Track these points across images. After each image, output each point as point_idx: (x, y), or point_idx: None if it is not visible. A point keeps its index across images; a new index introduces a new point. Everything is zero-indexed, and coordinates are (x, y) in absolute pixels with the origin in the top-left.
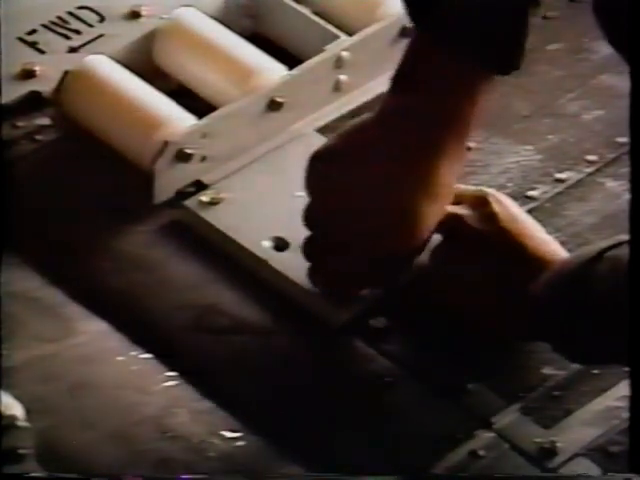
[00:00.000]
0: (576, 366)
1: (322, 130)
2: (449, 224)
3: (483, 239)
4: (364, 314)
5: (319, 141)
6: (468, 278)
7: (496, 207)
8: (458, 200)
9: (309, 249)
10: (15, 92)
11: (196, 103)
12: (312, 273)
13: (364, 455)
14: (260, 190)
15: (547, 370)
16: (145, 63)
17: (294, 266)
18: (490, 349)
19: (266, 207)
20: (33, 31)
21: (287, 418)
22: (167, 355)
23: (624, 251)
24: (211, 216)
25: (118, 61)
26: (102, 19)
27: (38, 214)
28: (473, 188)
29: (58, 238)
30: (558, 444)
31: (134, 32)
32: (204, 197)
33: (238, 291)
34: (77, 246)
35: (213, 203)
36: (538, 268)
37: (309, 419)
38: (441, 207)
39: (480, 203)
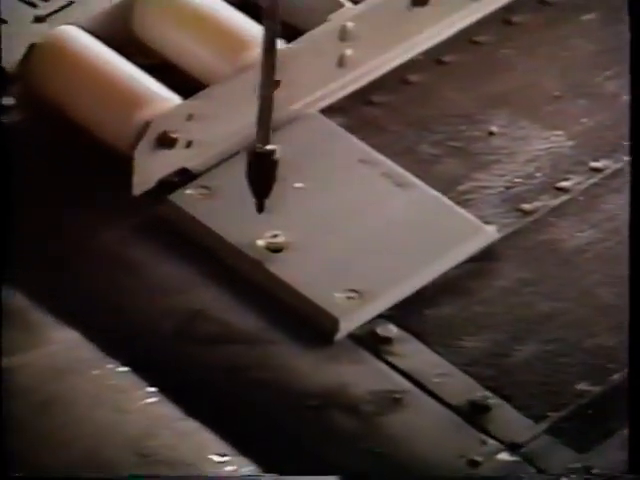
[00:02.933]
0: (614, 380)
1: (326, 111)
2: None
3: None
4: (370, 321)
5: (323, 124)
6: None
7: None
8: None
9: None
10: None
11: (181, 80)
12: None
13: None
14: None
15: (582, 385)
16: (122, 34)
17: (291, 268)
18: (515, 359)
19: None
20: None
21: (283, 439)
22: (148, 368)
23: None
24: (198, 210)
25: (91, 32)
26: None
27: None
28: None
29: (23, 234)
30: (594, 470)
31: None
32: (191, 189)
33: (228, 296)
34: (45, 243)
35: (201, 195)
36: None
37: (308, 441)
38: None
39: None
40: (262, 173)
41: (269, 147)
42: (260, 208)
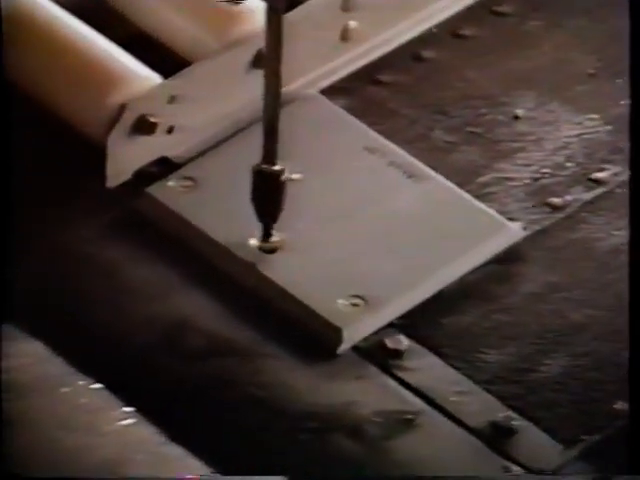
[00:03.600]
0: None
1: (327, 92)
2: None
3: None
4: (378, 331)
5: (324, 106)
6: None
7: None
8: None
9: None
10: None
11: (162, 57)
12: None
13: None
14: (244, 171)
15: (619, 404)
16: (95, 5)
17: (288, 271)
18: (542, 374)
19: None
20: None
21: (279, 466)
22: (124, 385)
23: None
24: (181, 205)
25: (60, 2)
26: None
27: None
28: None
29: None
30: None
31: None
32: (172, 181)
33: (216, 303)
34: (7, 243)
35: (184, 188)
36: None
37: (307, 468)
38: None
39: None
40: (268, 195)
41: (276, 167)
42: (267, 233)
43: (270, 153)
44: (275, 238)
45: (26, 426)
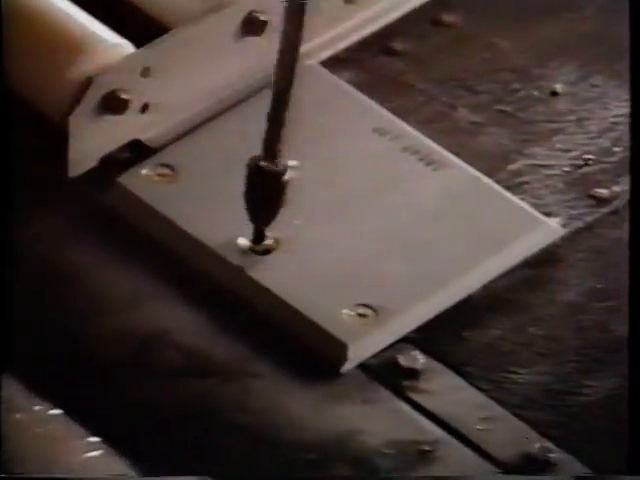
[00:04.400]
0: None
1: (331, 63)
2: None
3: None
4: (389, 347)
5: (326, 80)
6: None
7: None
8: None
9: None
10: None
11: (135, 22)
12: None
13: None
14: (232, 157)
15: None
16: None
17: (283, 276)
18: (584, 398)
19: (242, 185)
20: None
21: None
22: (89, 411)
23: None
24: (158, 198)
25: None
26: None
27: None
28: None
29: None
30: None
31: None
32: (147, 169)
33: (198, 313)
34: None
35: (161, 177)
36: None
37: None
38: None
39: None
40: (266, 197)
41: (279, 165)
42: (259, 237)
43: (273, 147)
44: (269, 237)
45: None
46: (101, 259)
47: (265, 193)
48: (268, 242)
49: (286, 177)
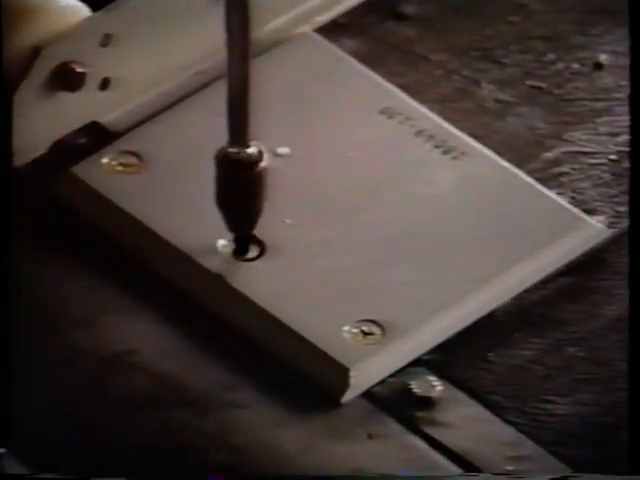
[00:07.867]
0: None
1: (328, 30)
2: None
3: None
4: (400, 371)
5: (322, 51)
6: None
7: None
8: None
9: None
10: None
11: None
12: None
13: None
14: (207, 143)
15: None
16: None
17: (271, 287)
18: (626, 431)
19: None
20: None
21: None
22: (37, 448)
23: None
24: (120, 192)
25: None
26: None
27: None
28: None
29: None
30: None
31: None
32: (107, 157)
33: (169, 331)
34: None
35: (124, 167)
36: None
37: None
38: None
39: None
40: (241, 193)
41: (250, 149)
42: (242, 248)
43: (239, 131)
44: (255, 239)
45: None
46: (52, 265)
47: (237, 187)
48: (253, 246)
49: (263, 164)
